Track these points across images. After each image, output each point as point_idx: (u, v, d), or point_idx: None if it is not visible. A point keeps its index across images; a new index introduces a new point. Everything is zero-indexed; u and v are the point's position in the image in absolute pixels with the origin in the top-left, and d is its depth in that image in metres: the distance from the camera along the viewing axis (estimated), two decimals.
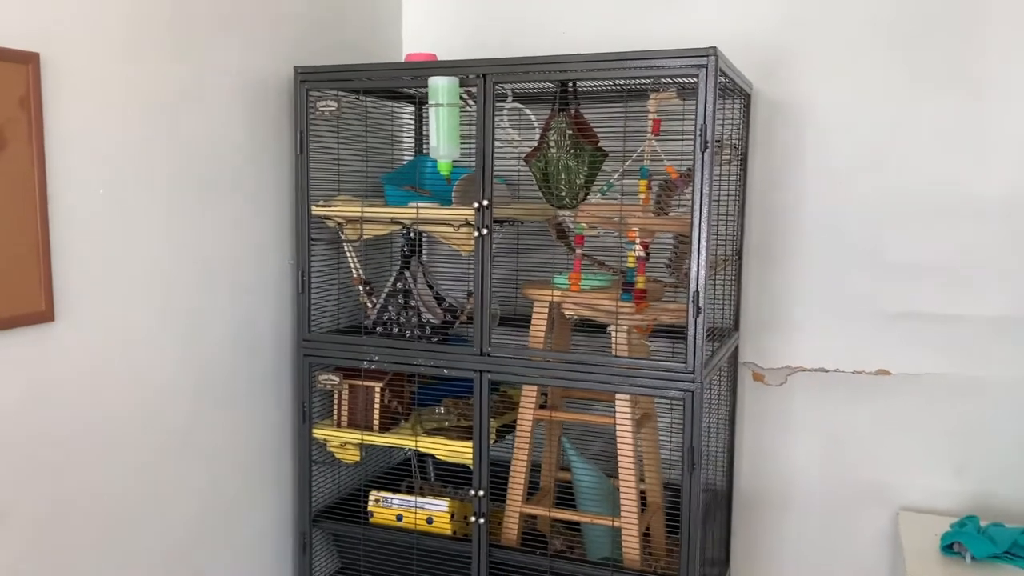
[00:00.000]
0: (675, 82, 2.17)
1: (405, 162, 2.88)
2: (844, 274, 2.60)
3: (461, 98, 2.22)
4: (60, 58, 1.74)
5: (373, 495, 2.49)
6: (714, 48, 1.94)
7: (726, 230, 2.49)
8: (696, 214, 1.99)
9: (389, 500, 2.47)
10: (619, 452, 2.24)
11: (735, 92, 2.42)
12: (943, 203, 2.48)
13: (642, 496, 2.44)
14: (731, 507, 2.77)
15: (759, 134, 2.65)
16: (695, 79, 1.97)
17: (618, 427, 2.23)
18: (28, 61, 1.65)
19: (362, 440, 2.43)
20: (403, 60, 2.58)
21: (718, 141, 2.27)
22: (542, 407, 2.42)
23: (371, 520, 2.48)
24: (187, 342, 2.13)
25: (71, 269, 1.79)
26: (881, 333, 2.58)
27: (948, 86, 2.45)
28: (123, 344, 1.94)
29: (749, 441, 2.77)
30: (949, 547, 2.28)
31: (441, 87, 2.13)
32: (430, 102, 2.16)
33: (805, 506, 2.72)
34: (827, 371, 2.65)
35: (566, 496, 2.54)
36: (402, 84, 2.32)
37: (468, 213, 2.22)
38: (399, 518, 2.45)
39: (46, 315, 1.72)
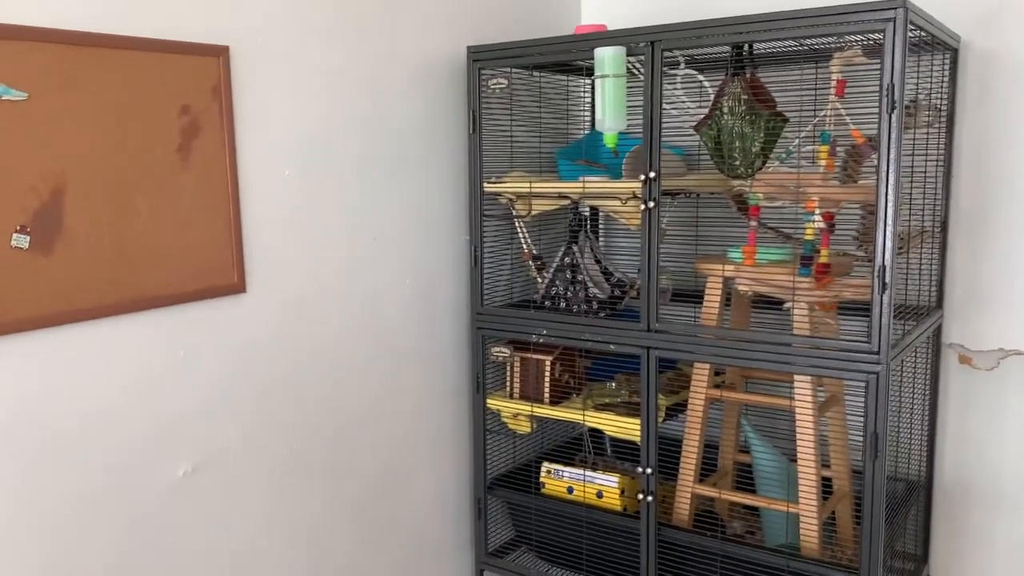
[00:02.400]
0: (862, 39, 1.99)
1: (580, 136, 2.86)
2: None
3: (631, 68, 2.17)
4: (247, 49, 1.88)
5: (545, 466, 2.52)
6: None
7: (924, 199, 2.27)
8: (882, 182, 1.83)
9: (560, 472, 2.49)
10: (798, 435, 2.12)
11: (936, 47, 2.18)
12: None
13: (827, 482, 2.30)
14: (931, 500, 2.55)
15: (969, 92, 2.38)
16: (881, 34, 1.80)
17: (797, 410, 2.11)
18: (219, 54, 1.80)
19: (532, 412, 2.46)
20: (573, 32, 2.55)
21: (912, 102, 2.06)
22: (718, 386, 2.34)
23: (542, 491, 2.51)
24: (370, 314, 2.25)
25: (260, 245, 1.94)
26: None
27: None
28: (308, 314, 2.08)
29: (953, 430, 2.52)
30: None
31: (607, 57, 2.09)
32: (596, 73, 2.12)
33: (1017, 502, 2.45)
34: None
35: (746, 478, 2.45)
36: (573, 57, 2.30)
37: (635, 186, 2.17)
38: (569, 490, 2.46)
39: (238, 287, 1.88)
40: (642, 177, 2.13)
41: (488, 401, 2.53)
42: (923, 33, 1.98)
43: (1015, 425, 2.43)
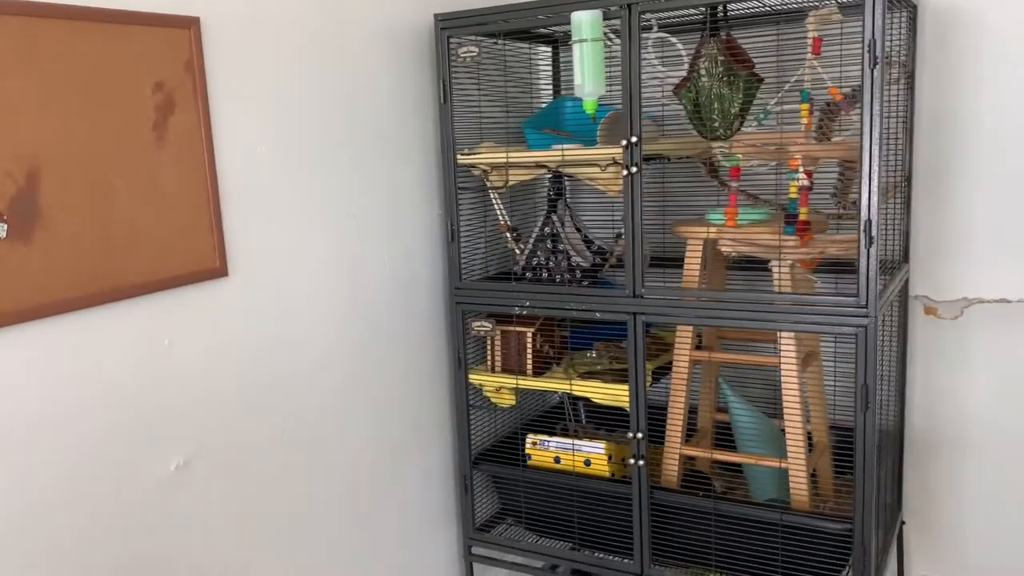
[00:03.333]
0: None
1: (543, 106, 2.83)
2: None
3: (604, 33, 2.15)
4: (218, 21, 1.79)
5: (530, 438, 2.51)
6: None
7: (895, 154, 2.32)
8: (866, 137, 1.85)
9: (546, 443, 2.48)
10: (784, 392, 2.15)
11: (899, 4, 2.22)
12: None
13: (808, 437, 2.35)
14: (903, 449, 2.63)
15: (927, 49, 2.44)
16: None
17: (783, 367, 2.14)
18: (190, 26, 1.71)
19: (517, 384, 2.45)
20: None
21: (886, 58, 2.10)
22: (698, 348, 2.36)
23: (529, 462, 2.51)
24: (348, 292, 2.20)
25: (240, 226, 1.87)
26: None
27: None
28: (290, 295, 2.02)
29: (921, 380, 2.60)
30: None
31: (584, 21, 2.06)
32: (573, 38, 2.09)
33: (985, 447, 2.54)
34: (1009, 302, 2.45)
35: (724, 437, 2.48)
36: (539, 24, 2.26)
37: (616, 152, 2.16)
38: (557, 460, 2.46)
39: (220, 270, 1.80)
40: (623, 142, 2.11)
41: (470, 376, 2.50)
42: None
43: (979, 372, 2.52)
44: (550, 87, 2.89)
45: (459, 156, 2.38)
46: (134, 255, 1.62)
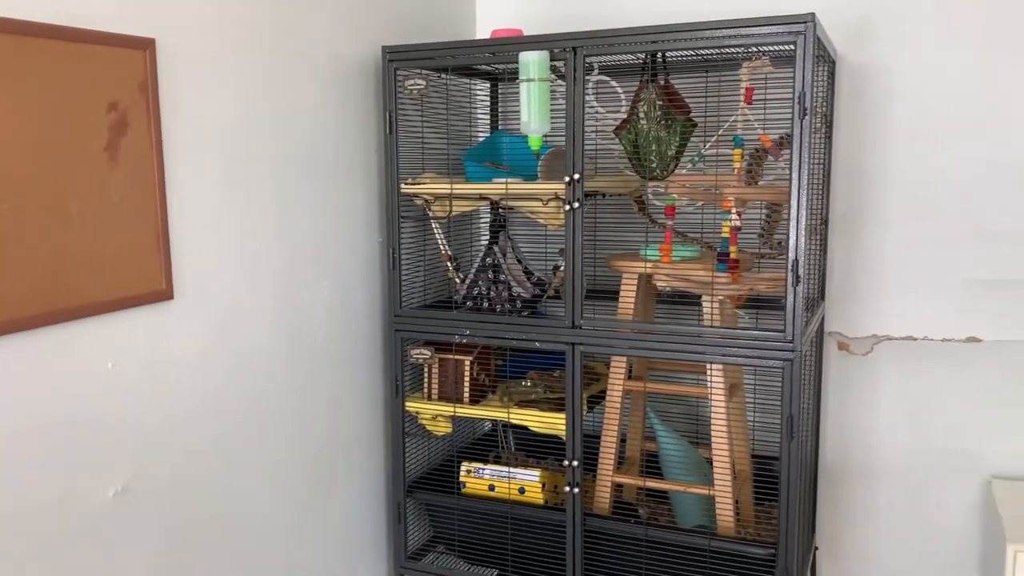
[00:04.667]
0: (768, 50, 2.15)
1: (481, 139, 2.90)
2: (932, 241, 2.56)
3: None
4: (173, 44, 1.79)
5: (465, 466, 2.54)
6: (812, 14, 1.92)
7: (813, 198, 2.47)
8: (795, 182, 1.98)
9: (481, 471, 2.51)
10: (713, 422, 2.25)
11: (823, 59, 2.38)
12: None
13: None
14: (816, 477, 2.77)
15: (844, 101, 2.62)
16: (792, 46, 1.96)
17: (713, 397, 2.24)
18: (145, 47, 1.70)
19: (455, 412, 2.48)
20: (486, 36, 2.59)
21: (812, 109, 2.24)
22: (628, 378, 2.44)
23: (463, 490, 2.53)
24: (290, 318, 2.19)
25: (187, 249, 1.85)
26: (972, 300, 2.55)
27: None
28: (234, 320, 2.00)
29: (834, 412, 2.76)
30: None
31: (532, 62, 2.14)
32: (521, 77, 2.17)
33: (892, 477, 2.71)
34: (915, 339, 2.63)
35: (651, 466, 2.57)
36: (487, 61, 2.33)
37: (558, 187, 2.24)
38: (491, 488, 2.49)
39: (166, 293, 1.78)
40: (566, 178, 2.19)
41: (407, 404, 2.52)
42: (817, 46, 2.16)
43: (887, 405, 2.69)
44: (488, 121, 2.96)
45: (403, 185, 2.42)
46: (82, 277, 1.59)
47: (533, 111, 2.17)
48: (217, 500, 1.99)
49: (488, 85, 2.92)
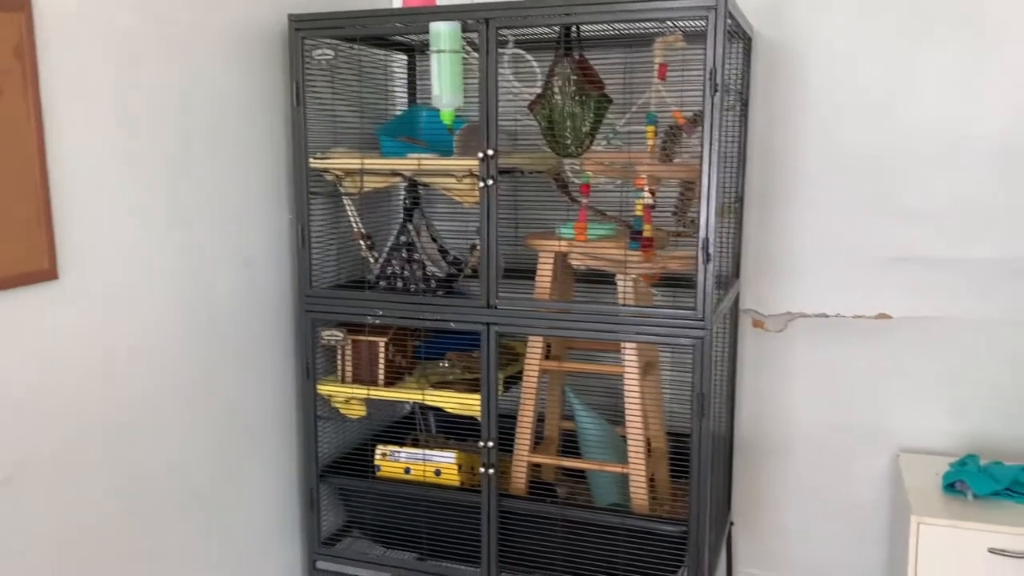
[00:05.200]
0: (682, 26, 2.13)
1: (399, 113, 2.82)
2: (845, 219, 2.60)
3: (463, 46, 2.17)
4: (54, 8, 1.67)
5: (380, 449, 2.49)
6: None
7: (728, 176, 2.47)
8: (705, 160, 1.97)
9: (396, 454, 2.46)
10: (627, 400, 2.24)
11: (737, 35, 2.38)
12: (944, 146, 2.48)
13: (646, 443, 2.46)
14: (732, 453, 2.80)
15: (760, 79, 2.62)
16: (703, 23, 1.94)
17: (626, 376, 2.23)
18: (21, 9, 1.58)
19: (368, 395, 2.42)
20: (400, 6, 2.51)
21: (724, 86, 2.24)
22: (547, 358, 2.42)
23: (378, 474, 2.48)
24: (191, 298, 2.10)
25: (74, 225, 1.75)
26: (882, 277, 2.59)
27: (952, 29, 2.43)
28: (127, 300, 1.90)
29: (749, 388, 2.79)
30: (951, 486, 2.32)
31: (443, 32, 2.08)
32: (431, 48, 2.10)
33: (805, 450, 2.75)
34: (827, 316, 2.67)
35: (570, 445, 2.56)
36: (399, 31, 2.26)
37: (472, 163, 2.19)
38: (407, 471, 2.45)
39: (50, 273, 1.68)
40: (479, 155, 2.14)
41: (319, 387, 2.45)
42: (731, 22, 2.15)
43: (799, 381, 2.73)
44: (406, 95, 2.89)
45: (311, 160, 2.34)
46: None
47: (445, 84, 2.11)
48: (110, 488, 1.90)
49: (406, 57, 2.84)
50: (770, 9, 2.56)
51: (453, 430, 2.70)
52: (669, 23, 2.08)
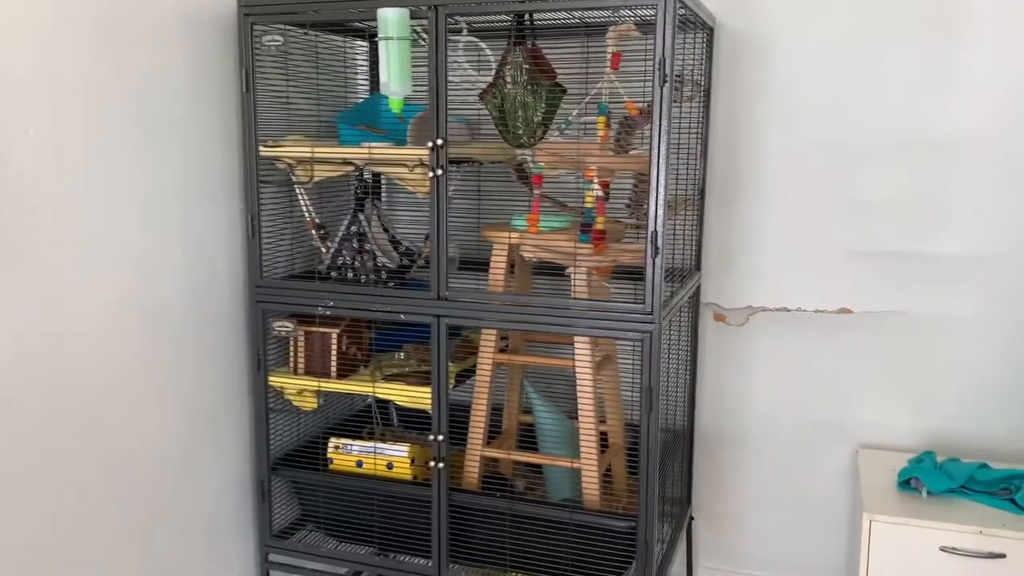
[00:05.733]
0: (634, 16, 2.09)
1: (360, 101, 2.78)
2: (807, 213, 2.57)
3: (415, 32, 2.13)
4: None
5: (332, 442, 2.46)
6: None
7: (688, 169, 2.44)
8: (655, 152, 1.94)
9: (349, 447, 2.44)
10: (578, 394, 2.22)
11: (697, 26, 2.35)
12: (907, 142, 2.46)
13: (604, 437, 2.44)
14: (692, 446, 2.78)
15: (723, 70, 2.59)
16: (653, 12, 1.90)
17: (577, 369, 2.21)
18: None
19: (319, 387, 2.39)
20: None
21: (678, 77, 2.20)
22: (503, 351, 2.39)
23: (331, 467, 2.45)
24: (137, 290, 2.06)
25: (7, 216, 1.70)
26: (843, 272, 2.57)
27: (919, 23, 2.40)
28: (68, 293, 1.87)
29: (711, 381, 2.77)
30: (906, 483, 2.30)
31: (390, 19, 2.04)
32: (379, 35, 2.06)
33: (766, 444, 2.74)
34: (789, 311, 2.65)
35: (529, 438, 2.53)
36: (352, 17, 2.22)
37: (422, 153, 2.15)
38: (359, 464, 2.42)
39: None
40: (429, 144, 2.11)
41: (270, 379, 2.42)
42: (688, 11, 2.12)
43: (761, 375, 2.71)
44: (368, 83, 2.85)
45: (262, 148, 2.30)
46: None
47: (393, 71, 2.07)
48: (49, 480, 1.87)
49: (367, 45, 2.80)
50: (732, 1, 2.53)
51: (416, 423, 2.67)
52: (623, 12, 2.04)
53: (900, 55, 2.42)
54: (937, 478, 2.25)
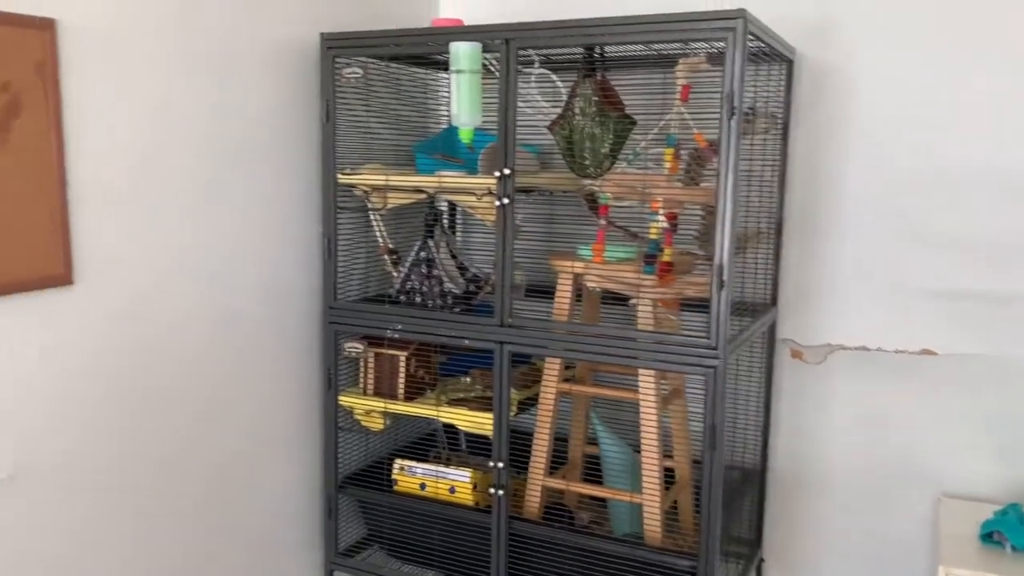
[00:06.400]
0: (706, 48, 2.08)
1: (439, 131, 2.85)
2: (889, 249, 2.48)
3: (485, 65, 2.18)
4: (80, 24, 1.75)
5: (397, 463, 2.50)
6: (743, 10, 1.85)
7: (761, 202, 2.40)
8: (721, 185, 1.91)
9: (413, 469, 2.47)
10: (642, 427, 2.19)
11: (774, 58, 2.31)
12: (995, 177, 2.35)
13: (670, 472, 2.39)
14: (764, 487, 2.70)
15: (802, 102, 2.54)
16: (723, 43, 1.89)
17: (641, 402, 2.18)
18: (45, 28, 1.67)
19: (385, 408, 2.44)
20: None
21: (751, 109, 2.18)
22: (569, 380, 2.39)
23: (395, 488, 2.49)
24: (214, 307, 2.16)
25: (91, 233, 1.82)
26: (927, 311, 2.46)
27: (1001, 55, 2.30)
28: (146, 309, 1.97)
29: (786, 420, 2.68)
30: (989, 535, 2.17)
31: (462, 52, 2.08)
32: (452, 68, 2.12)
33: (843, 488, 2.63)
34: (868, 350, 2.55)
35: (595, 470, 2.51)
36: (429, 50, 2.28)
37: (490, 182, 2.19)
38: (422, 487, 2.45)
39: (64, 278, 1.75)
40: (496, 174, 2.14)
41: (340, 398, 2.48)
42: (762, 44, 2.09)
43: (839, 416, 2.61)
44: (447, 112, 2.90)
45: (340, 175, 2.38)
46: None
47: (463, 103, 2.12)
48: (126, 490, 1.97)
49: (446, 76, 2.86)
50: (815, 31, 2.48)
51: (483, 449, 2.69)
52: (695, 44, 2.04)
53: (989, 87, 2.32)
54: (1022, 533, 2.12)
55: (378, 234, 2.48)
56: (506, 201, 2.14)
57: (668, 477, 2.35)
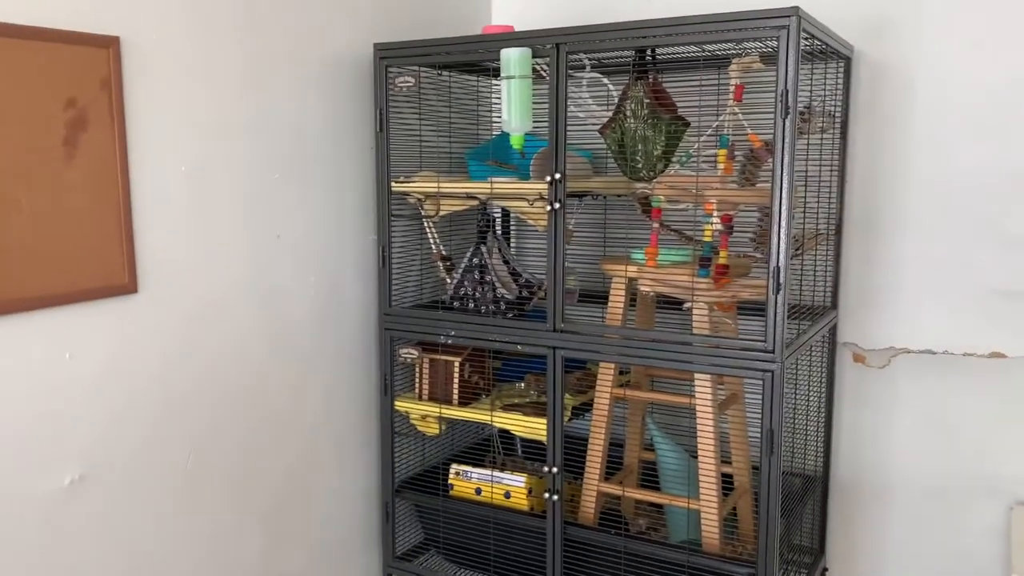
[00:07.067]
0: (760, 47, 2.05)
1: (491, 137, 2.87)
2: (954, 249, 2.40)
3: (536, 71, 2.18)
4: (141, 42, 1.81)
5: (453, 468, 2.51)
6: (796, 8, 1.82)
7: (818, 203, 2.35)
8: (776, 186, 1.88)
9: (468, 473, 2.48)
10: (699, 433, 2.16)
11: (830, 55, 2.27)
12: None
13: (729, 479, 2.36)
14: (827, 493, 2.64)
15: (862, 100, 2.48)
16: (776, 41, 1.86)
17: (698, 407, 2.16)
18: (109, 45, 1.73)
19: (440, 413, 2.45)
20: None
21: (807, 108, 2.13)
22: (623, 385, 2.37)
23: (451, 492, 2.50)
24: (271, 315, 2.20)
25: (154, 244, 1.88)
26: (995, 313, 2.38)
27: None
28: (207, 317, 2.02)
29: (848, 426, 2.62)
30: None
31: (512, 59, 2.09)
32: (502, 74, 2.13)
33: (909, 496, 2.55)
34: (934, 353, 2.47)
35: (651, 476, 2.49)
36: (481, 58, 2.30)
37: (541, 187, 2.19)
38: (478, 491, 2.46)
39: (129, 287, 1.81)
40: (547, 178, 2.14)
41: (396, 403, 2.51)
42: (817, 42, 2.05)
43: (905, 421, 2.54)
44: (499, 119, 2.92)
45: (393, 184, 2.41)
46: (35, 269, 1.63)
47: (514, 109, 2.12)
48: (189, 493, 2.02)
49: (497, 83, 2.88)
50: (874, 28, 2.42)
51: (537, 454, 2.69)
52: (747, 44, 2.01)
53: None
54: None
55: (432, 241, 2.50)
56: (557, 206, 2.14)
57: (727, 484, 2.31)
